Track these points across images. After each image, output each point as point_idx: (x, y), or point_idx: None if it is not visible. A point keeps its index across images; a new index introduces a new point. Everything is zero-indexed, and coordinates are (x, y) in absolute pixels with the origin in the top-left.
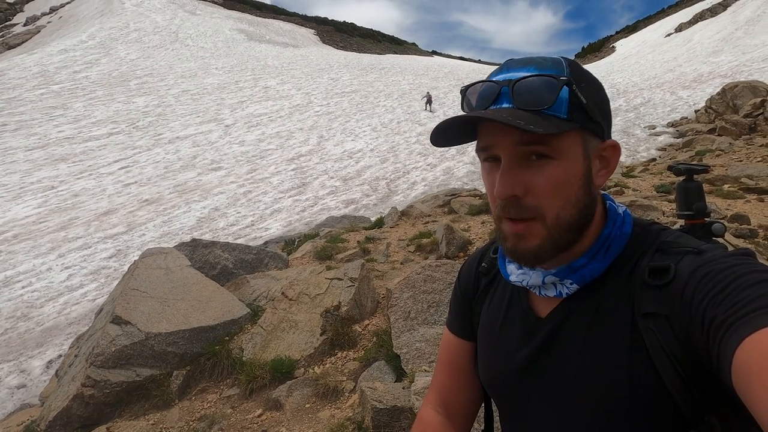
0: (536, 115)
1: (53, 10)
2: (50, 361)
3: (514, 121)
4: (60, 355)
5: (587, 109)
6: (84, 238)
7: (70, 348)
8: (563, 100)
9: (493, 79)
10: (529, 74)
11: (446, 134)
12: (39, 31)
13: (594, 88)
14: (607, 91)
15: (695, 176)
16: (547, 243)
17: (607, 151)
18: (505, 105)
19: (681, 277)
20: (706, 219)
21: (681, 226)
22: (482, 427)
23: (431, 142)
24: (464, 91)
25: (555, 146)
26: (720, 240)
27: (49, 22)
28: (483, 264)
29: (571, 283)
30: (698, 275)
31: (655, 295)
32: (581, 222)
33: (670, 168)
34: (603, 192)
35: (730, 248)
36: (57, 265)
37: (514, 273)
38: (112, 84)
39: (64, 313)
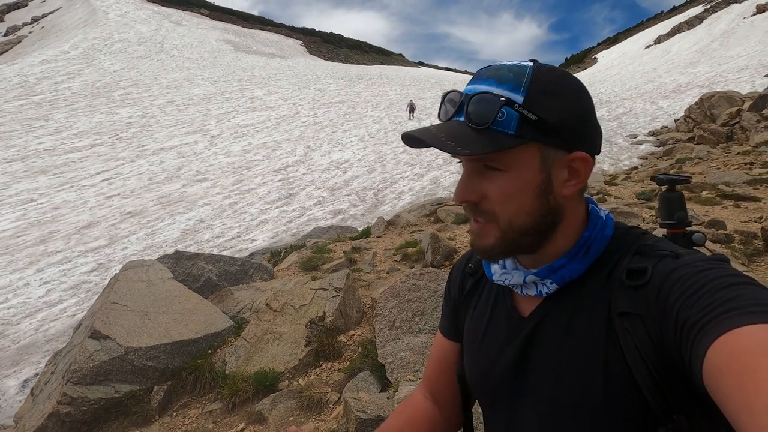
0: (479, 133)
1: (35, 20)
2: (26, 380)
3: (445, 143)
4: (36, 374)
5: (542, 125)
6: (64, 251)
7: (46, 365)
8: (512, 117)
9: (465, 88)
10: (482, 90)
11: (412, 141)
12: (20, 41)
13: (561, 100)
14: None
15: (677, 186)
16: (501, 243)
17: (576, 162)
18: (461, 118)
19: (657, 278)
20: (687, 228)
21: (663, 235)
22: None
23: (405, 144)
24: (443, 97)
25: (503, 160)
26: (700, 249)
27: (30, 32)
28: (470, 265)
29: (551, 283)
30: (673, 277)
31: (632, 296)
32: (538, 228)
33: (653, 178)
34: (587, 196)
35: (708, 254)
36: (35, 280)
37: (497, 272)
38: (95, 95)
39: (41, 330)
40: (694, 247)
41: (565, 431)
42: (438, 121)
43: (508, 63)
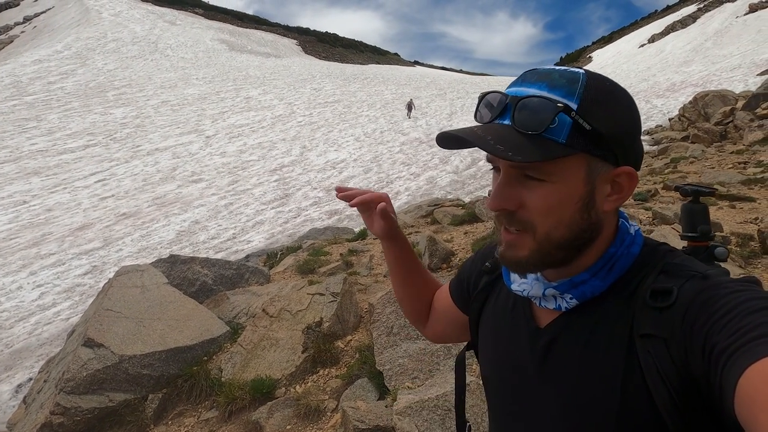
0: (528, 139)
1: (27, 19)
2: (20, 385)
3: (495, 147)
4: (30, 379)
5: (593, 135)
6: (57, 254)
7: (39, 372)
8: (564, 125)
9: (508, 90)
10: (533, 94)
11: (449, 142)
12: (12, 41)
13: (613, 110)
14: None
15: (701, 198)
16: (535, 256)
17: (621, 177)
18: (506, 122)
19: (683, 300)
20: (709, 242)
21: (683, 247)
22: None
23: (438, 145)
24: (481, 98)
25: (548, 170)
26: (722, 264)
27: (22, 32)
28: (487, 264)
29: (570, 298)
30: (700, 300)
31: (655, 317)
32: (575, 243)
33: (677, 188)
34: (620, 210)
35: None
36: (28, 283)
37: (516, 281)
38: (88, 95)
39: (35, 334)
40: (716, 262)
41: None
42: (466, 124)
43: (558, 68)
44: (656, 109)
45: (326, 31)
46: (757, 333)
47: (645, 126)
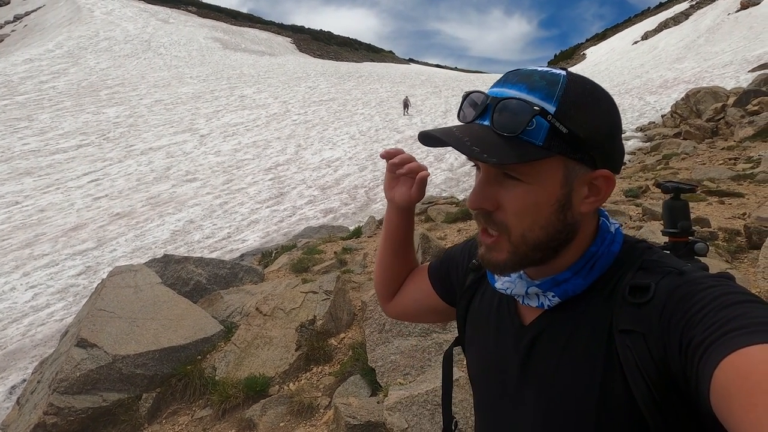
0: (505, 140)
1: (17, 18)
2: (14, 387)
3: (470, 148)
4: (24, 380)
5: (571, 138)
6: (51, 255)
7: (32, 373)
8: (542, 128)
9: (490, 90)
10: (512, 95)
11: (430, 141)
12: (2, 40)
13: (592, 113)
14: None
15: (682, 195)
16: (512, 258)
17: (599, 180)
18: (486, 122)
19: (660, 296)
20: (690, 238)
21: (665, 243)
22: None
23: (421, 142)
24: (465, 97)
25: (525, 171)
26: (702, 259)
27: (13, 31)
28: (474, 261)
29: (553, 296)
30: (677, 295)
31: (634, 313)
32: (551, 244)
33: (658, 185)
34: (600, 208)
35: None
36: (21, 284)
37: (500, 280)
38: (81, 94)
39: (28, 335)
40: (696, 257)
41: None
42: (457, 122)
43: (539, 69)
44: (649, 106)
45: (321, 29)
46: (731, 326)
47: (638, 123)
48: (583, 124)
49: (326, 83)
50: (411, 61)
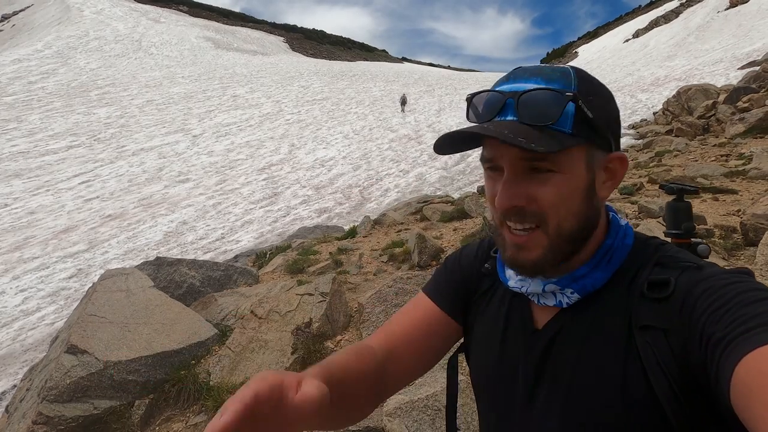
0: (539, 131)
1: (5, 17)
2: (3, 393)
3: (515, 139)
4: (14, 386)
5: (593, 124)
6: (41, 258)
7: (22, 380)
8: (568, 116)
9: (499, 88)
10: (535, 87)
11: (449, 144)
12: None
13: (603, 100)
14: None
15: (685, 196)
16: (548, 253)
17: (614, 162)
18: (509, 118)
19: (680, 291)
20: (692, 239)
21: None
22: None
23: (435, 151)
24: (470, 99)
25: (558, 161)
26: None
27: (0, 31)
28: (486, 265)
29: (572, 293)
30: (698, 291)
31: (653, 309)
32: (582, 233)
33: (662, 186)
34: (606, 204)
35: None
36: (11, 288)
37: (513, 278)
38: (70, 95)
39: (18, 340)
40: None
41: None
42: (462, 123)
43: (545, 65)
44: (641, 104)
45: (313, 28)
46: (754, 323)
47: (630, 120)
48: (600, 108)
49: (319, 82)
50: (404, 59)
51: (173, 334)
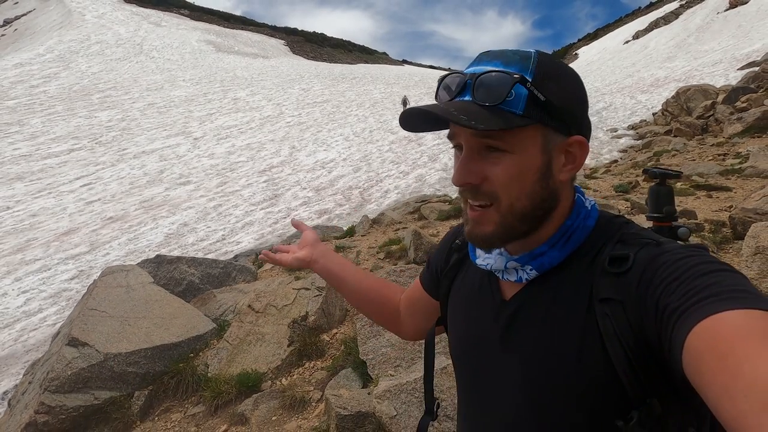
0: (488, 111)
1: (7, 22)
2: (6, 392)
3: (458, 117)
4: (16, 386)
5: (547, 106)
6: (43, 259)
7: (24, 375)
8: (521, 97)
9: (465, 70)
10: (490, 69)
11: (413, 122)
12: None
13: (563, 84)
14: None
15: (667, 180)
16: (499, 230)
17: (573, 146)
18: (466, 98)
19: (638, 265)
20: (673, 222)
21: (649, 227)
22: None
23: (402, 127)
24: (440, 80)
25: (509, 140)
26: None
27: (2, 35)
28: (457, 241)
29: (530, 269)
30: (654, 265)
31: (613, 282)
32: (536, 213)
33: (645, 171)
34: (575, 185)
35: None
36: (13, 289)
37: (481, 256)
38: (72, 98)
39: (21, 340)
40: (679, 241)
41: (539, 410)
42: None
43: (511, 49)
44: (640, 104)
45: (314, 31)
46: (705, 294)
47: (629, 121)
48: (556, 93)
49: (320, 85)
50: (405, 62)
51: (172, 328)
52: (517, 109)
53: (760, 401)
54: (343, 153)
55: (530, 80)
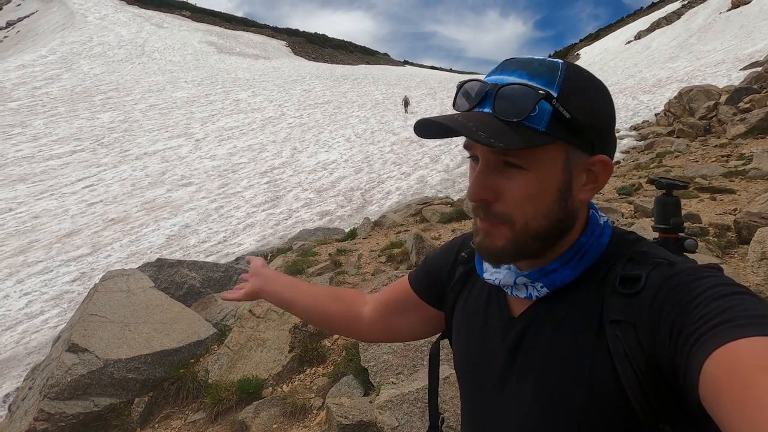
0: (509, 126)
1: (10, 24)
2: (7, 395)
3: (476, 133)
4: (18, 388)
5: (572, 124)
6: (45, 261)
7: (24, 380)
8: (544, 113)
9: (487, 78)
10: (514, 81)
11: (429, 131)
12: None
13: (591, 99)
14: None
15: (675, 191)
16: (511, 246)
17: (596, 166)
18: (486, 109)
19: (651, 286)
20: (680, 234)
21: (655, 238)
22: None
23: (416, 134)
24: (460, 86)
25: (528, 157)
26: (691, 256)
27: (5, 37)
28: (463, 254)
29: (541, 287)
30: (668, 286)
31: (624, 303)
32: (552, 233)
33: (652, 181)
34: (590, 201)
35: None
36: (15, 291)
37: (489, 270)
38: (74, 100)
39: (22, 343)
40: (686, 253)
41: (545, 429)
42: (453, 111)
43: (537, 57)
44: (642, 105)
45: (315, 32)
46: (722, 318)
47: (632, 122)
48: (583, 109)
49: (321, 86)
50: (406, 63)
51: (173, 334)
52: (540, 125)
53: None
54: (345, 154)
55: (556, 96)
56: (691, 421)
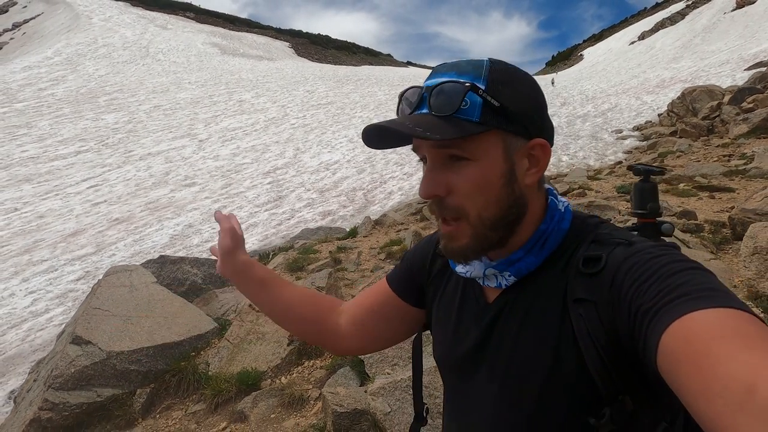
0: (444, 121)
1: (16, 26)
2: (12, 391)
3: (414, 129)
4: (23, 384)
5: (504, 112)
6: (50, 260)
7: (29, 373)
8: (476, 105)
9: (424, 83)
10: (443, 80)
11: (376, 139)
12: (1, 48)
13: (518, 89)
14: (577, 97)
15: (651, 177)
16: (473, 242)
17: (536, 150)
18: (424, 110)
19: (610, 266)
20: (657, 219)
21: (633, 224)
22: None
23: (366, 145)
24: (401, 95)
25: (470, 149)
26: (667, 239)
27: (12, 39)
28: (439, 248)
29: (509, 276)
30: (626, 265)
31: (587, 283)
32: (507, 220)
33: (630, 168)
34: (548, 187)
35: (679, 243)
36: (20, 290)
37: (460, 264)
38: (79, 101)
39: (27, 340)
40: (663, 237)
41: (517, 409)
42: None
43: (464, 59)
44: (646, 106)
45: (318, 33)
46: (677, 294)
47: (635, 122)
48: (511, 98)
49: (324, 87)
50: (409, 63)
51: (174, 327)
52: (473, 116)
53: (734, 402)
54: (348, 155)
55: (483, 87)
56: (649, 392)
